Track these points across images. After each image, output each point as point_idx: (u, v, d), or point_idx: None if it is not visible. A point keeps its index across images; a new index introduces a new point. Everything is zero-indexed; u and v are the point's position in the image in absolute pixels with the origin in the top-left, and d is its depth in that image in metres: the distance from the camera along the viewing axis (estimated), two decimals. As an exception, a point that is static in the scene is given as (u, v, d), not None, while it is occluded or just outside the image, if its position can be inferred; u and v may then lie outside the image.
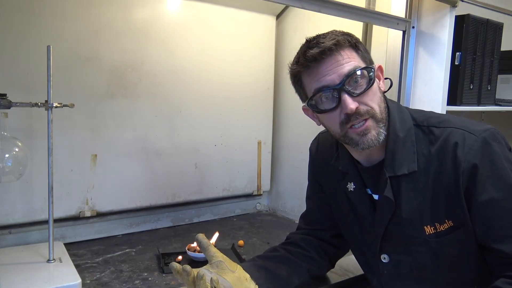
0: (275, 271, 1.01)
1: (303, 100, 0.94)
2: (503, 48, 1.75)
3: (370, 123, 0.86)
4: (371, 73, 0.87)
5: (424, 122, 0.92)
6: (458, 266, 0.92)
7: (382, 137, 0.88)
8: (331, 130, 0.92)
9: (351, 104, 0.84)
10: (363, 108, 0.85)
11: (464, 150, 0.85)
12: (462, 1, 1.46)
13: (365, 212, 0.98)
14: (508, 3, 1.78)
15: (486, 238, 0.87)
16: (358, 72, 0.85)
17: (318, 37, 0.88)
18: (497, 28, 1.67)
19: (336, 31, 0.90)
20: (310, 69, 0.87)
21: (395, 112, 0.93)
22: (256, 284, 0.94)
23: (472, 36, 1.57)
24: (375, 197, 0.96)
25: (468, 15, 1.54)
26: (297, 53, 0.91)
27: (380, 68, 0.93)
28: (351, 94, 0.84)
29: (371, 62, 0.90)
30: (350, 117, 0.85)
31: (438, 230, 0.89)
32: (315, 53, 0.84)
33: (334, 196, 1.07)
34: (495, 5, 1.66)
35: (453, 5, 1.43)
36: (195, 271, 0.87)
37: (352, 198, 1.00)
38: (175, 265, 0.86)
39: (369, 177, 0.96)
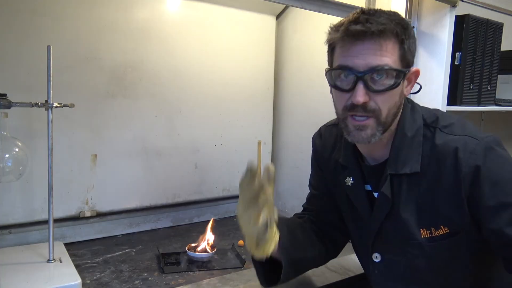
0: (295, 231, 1.03)
1: (328, 64, 0.91)
2: (503, 48, 1.75)
3: (370, 122, 0.84)
4: (399, 78, 0.82)
5: (432, 123, 0.90)
6: (453, 270, 0.91)
7: (374, 139, 0.85)
8: (335, 108, 0.90)
9: (361, 96, 0.81)
10: (371, 105, 0.82)
11: (465, 154, 0.82)
12: (462, 1, 1.46)
13: (361, 208, 0.97)
14: (508, 3, 1.78)
15: (500, 246, 0.83)
16: (386, 72, 0.81)
17: (373, 13, 0.82)
18: (497, 28, 1.67)
19: (396, 15, 0.83)
20: (345, 42, 0.82)
21: (408, 111, 0.91)
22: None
23: (472, 36, 1.57)
24: (376, 194, 0.95)
25: (468, 15, 1.54)
26: (344, 18, 0.84)
27: (416, 72, 0.89)
28: (367, 87, 0.81)
29: (409, 64, 0.86)
30: (354, 107, 0.83)
31: (433, 235, 0.87)
32: (356, 30, 0.79)
33: (334, 188, 1.06)
34: (495, 5, 1.66)
35: (453, 5, 1.43)
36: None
37: (349, 192, 0.98)
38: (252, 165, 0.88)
39: (371, 174, 0.95)
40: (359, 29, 0.79)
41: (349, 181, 0.98)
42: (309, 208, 1.16)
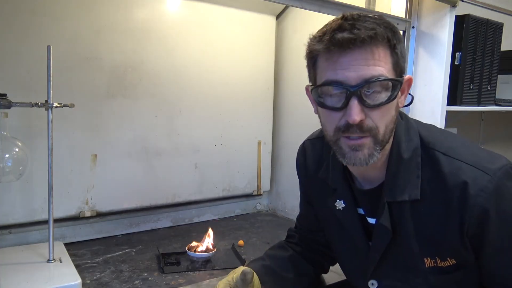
0: (283, 274, 0.99)
1: (310, 80, 0.81)
2: (503, 48, 1.76)
3: (367, 141, 0.74)
4: (396, 89, 0.73)
5: (430, 144, 0.81)
6: None
7: (372, 160, 0.76)
8: (324, 129, 0.81)
9: (357, 114, 0.71)
10: (368, 123, 0.73)
11: (475, 192, 0.73)
12: (462, 1, 1.46)
13: (355, 234, 0.89)
14: (508, 3, 1.79)
15: (490, 285, 0.82)
16: (381, 83, 0.71)
17: (357, 18, 0.72)
18: (497, 28, 1.67)
19: (381, 19, 0.73)
20: (331, 53, 0.72)
21: (402, 129, 0.82)
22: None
23: (472, 36, 1.57)
24: (371, 220, 0.87)
25: (468, 15, 1.54)
26: (326, 26, 0.74)
27: (409, 80, 0.79)
28: (362, 103, 0.72)
29: (402, 71, 0.76)
30: (348, 127, 0.73)
31: (439, 265, 0.81)
32: (343, 37, 0.69)
33: (322, 212, 0.99)
34: (495, 5, 1.66)
35: (453, 5, 1.43)
36: None
37: (340, 217, 0.90)
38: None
39: (364, 198, 0.87)
40: (347, 36, 0.69)
41: (340, 204, 0.88)
42: (299, 226, 1.14)
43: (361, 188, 0.87)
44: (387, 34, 0.72)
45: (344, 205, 0.88)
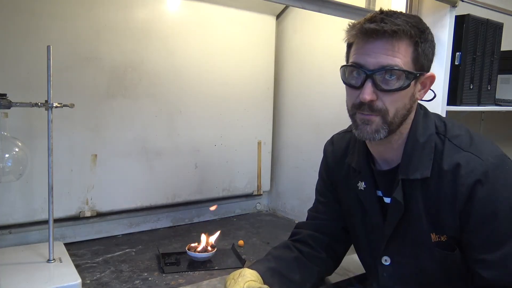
0: (289, 276, 1.02)
1: (346, 61, 0.92)
2: (503, 48, 1.75)
3: (376, 119, 0.85)
4: (409, 80, 0.83)
5: (442, 132, 0.91)
6: (461, 278, 0.92)
7: (379, 136, 0.86)
8: (346, 102, 0.91)
9: (368, 94, 0.82)
10: (378, 104, 0.84)
11: (466, 172, 0.84)
12: (462, 1, 1.46)
13: (373, 213, 0.98)
14: (508, 3, 1.78)
15: (469, 261, 0.88)
16: (395, 72, 0.82)
17: (391, 14, 0.84)
18: (497, 28, 1.67)
19: (414, 18, 0.85)
20: (359, 40, 0.84)
21: (420, 116, 0.93)
22: None
23: (472, 36, 1.57)
24: (386, 200, 0.96)
25: (468, 15, 1.54)
26: (366, 16, 0.86)
27: (431, 77, 0.89)
28: (376, 86, 0.82)
29: (423, 68, 0.86)
30: (361, 105, 0.85)
31: (442, 240, 0.89)
32: (370, 28, 0.81)
33: (345, 194, 1.07)
34: (495, 5, 1.66)
35: (453, 5, 1.43)
36: None
37: (361, 196, 1.00)
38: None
39: (383, 179, 0.96)
40: (373, 27, 0.81)
41: (361, 185, 0.98)
42: (314, 215, 1.16)
43: (380, 169, 0.96)
44: (411, 31, 0.82)
45: (365, 186, 0.98)
